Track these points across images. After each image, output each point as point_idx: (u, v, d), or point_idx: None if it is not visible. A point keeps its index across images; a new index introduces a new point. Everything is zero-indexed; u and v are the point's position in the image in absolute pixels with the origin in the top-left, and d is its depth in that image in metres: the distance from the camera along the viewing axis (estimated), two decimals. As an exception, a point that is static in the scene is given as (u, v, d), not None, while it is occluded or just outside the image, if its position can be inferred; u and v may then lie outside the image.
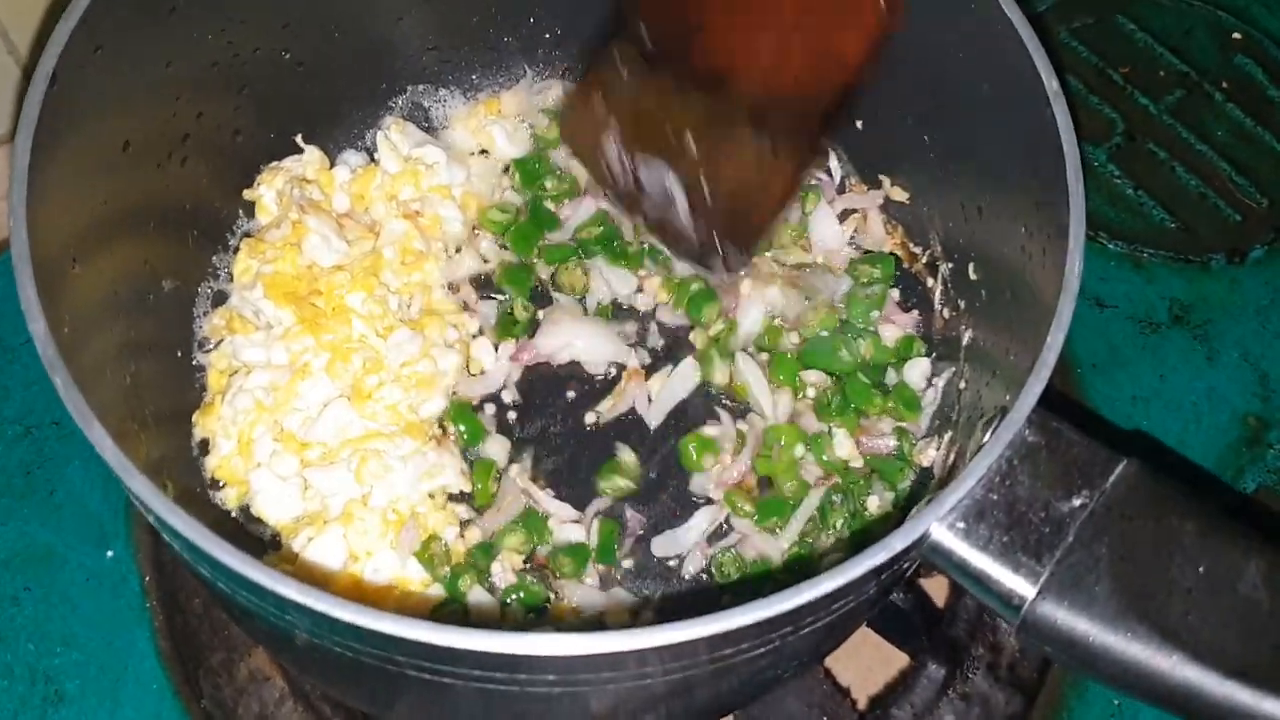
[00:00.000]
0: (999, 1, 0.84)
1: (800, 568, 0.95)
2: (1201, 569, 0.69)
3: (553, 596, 0.94)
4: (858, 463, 0.99)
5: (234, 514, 0.96)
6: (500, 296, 1.07)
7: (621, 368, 1.04)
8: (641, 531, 0.98)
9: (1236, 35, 1.36)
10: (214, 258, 1.05)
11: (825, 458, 0.98)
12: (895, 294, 1.07)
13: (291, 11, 1.00)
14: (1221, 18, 1.38)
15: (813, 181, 1.11)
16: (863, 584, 0.67)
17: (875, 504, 0.97)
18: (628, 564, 0.97)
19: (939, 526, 0.70)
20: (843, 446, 0.98)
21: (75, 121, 0.80)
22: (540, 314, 1.06)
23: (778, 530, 0.96)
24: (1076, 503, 0.71)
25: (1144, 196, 1.25)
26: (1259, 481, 1.09)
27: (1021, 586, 0.70)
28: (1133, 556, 0.70)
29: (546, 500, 0.97)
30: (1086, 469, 0.72)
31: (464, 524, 0.97)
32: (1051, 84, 0.81)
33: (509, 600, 0.93)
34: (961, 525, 0.71)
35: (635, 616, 0.94)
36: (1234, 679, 0.68)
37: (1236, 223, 1.24)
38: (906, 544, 0.67)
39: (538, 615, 0.93)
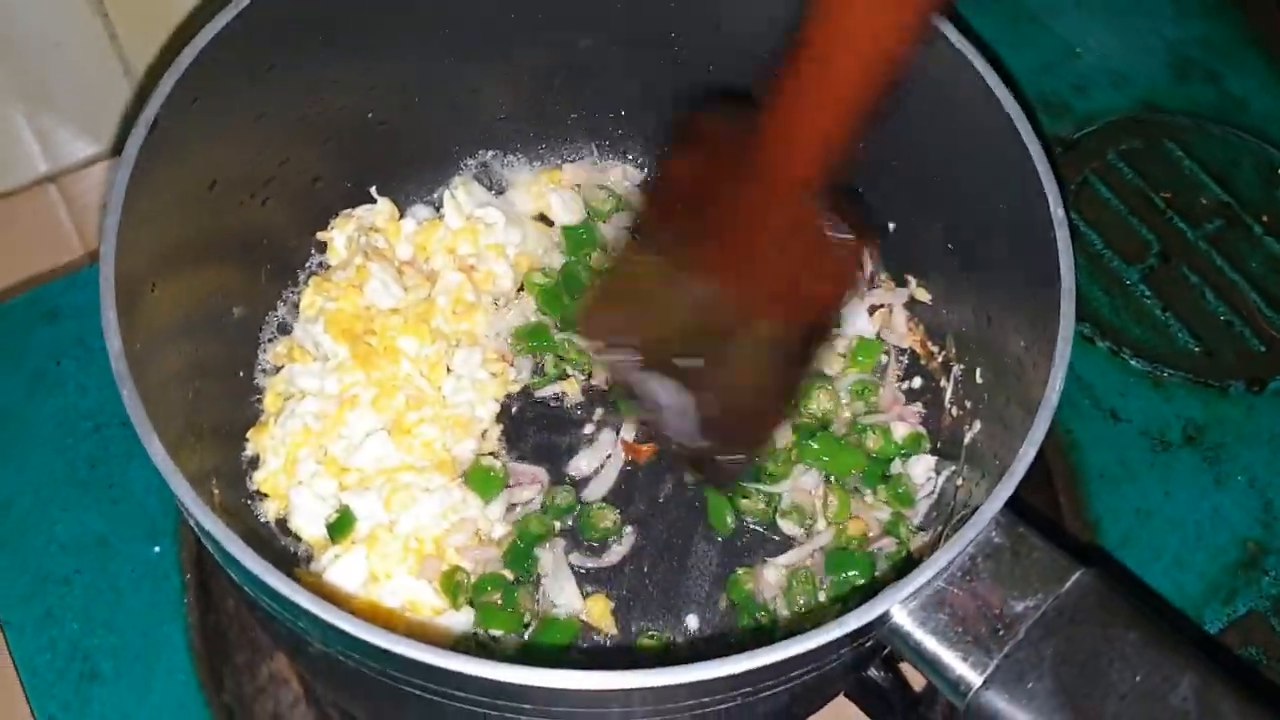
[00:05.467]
0: (1019, 131, 0.89)
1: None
2: (1138, 677, 0.73)
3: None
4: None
5: (271, 525, 1.02)
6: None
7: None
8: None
9: (1281, 170, 1.38)
10: (283, 291, 1.11)
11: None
12: (900, 389, 1.12)
13: (379, 76, 1.06)
14: (1269, 152, 1.39)
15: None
16: (821, 654, 0.72)
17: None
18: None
19: (900, 610, 0.75)
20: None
21: (169, 161, 0.87)
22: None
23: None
24: (1030, 604, 0.76)
25: (1171, 319, 1.28)
26: (1250, 605, 1.11)
27: (969, 675, 0.75)
28: (1075, 659, 0.74)
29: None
30: (1045, 574, 0.77)
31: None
32: (1057, 211, 0.86)
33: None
34: (921, 612, 0.76)
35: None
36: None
37: (1260, 352, 1.26)
38: (863, 623, 0.72)
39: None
